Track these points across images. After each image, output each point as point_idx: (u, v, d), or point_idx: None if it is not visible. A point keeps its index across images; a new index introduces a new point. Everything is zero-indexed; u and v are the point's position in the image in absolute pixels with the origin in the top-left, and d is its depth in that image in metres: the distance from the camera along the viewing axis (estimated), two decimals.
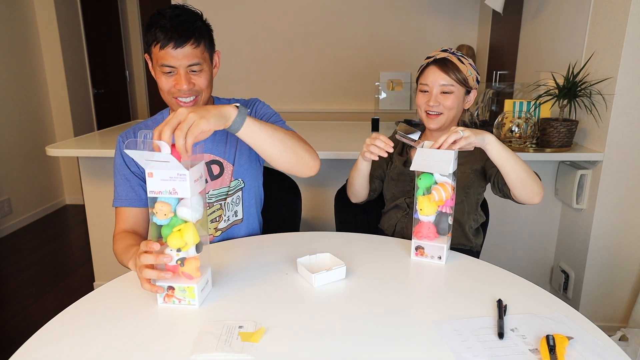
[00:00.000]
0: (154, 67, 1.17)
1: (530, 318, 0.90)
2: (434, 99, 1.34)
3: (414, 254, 1.15)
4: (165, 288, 0.90)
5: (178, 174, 0.82)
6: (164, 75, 1.15)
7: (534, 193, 1.18)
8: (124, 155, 1.25)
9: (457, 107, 1.35)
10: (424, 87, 1.37)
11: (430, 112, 1.36)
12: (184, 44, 1.10)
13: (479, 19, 3.73)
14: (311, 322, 0.89)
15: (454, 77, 1.32)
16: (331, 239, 1.29)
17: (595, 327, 0.88)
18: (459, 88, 1.34)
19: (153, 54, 1.15)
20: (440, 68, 1.33)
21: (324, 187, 2.30)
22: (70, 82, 3.87)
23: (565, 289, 2.17)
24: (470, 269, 1.14)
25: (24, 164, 3.59)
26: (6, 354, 0.88)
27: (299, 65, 3.90)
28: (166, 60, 1.11)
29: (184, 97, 1.17)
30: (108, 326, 0.87)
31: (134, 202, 1.25)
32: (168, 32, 1.09)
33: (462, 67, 1.33)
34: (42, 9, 3.64)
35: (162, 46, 1.10)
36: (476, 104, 2.79)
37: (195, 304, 0.91)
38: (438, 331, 0.85)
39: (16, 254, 3.08)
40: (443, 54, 1.36)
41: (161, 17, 1.11)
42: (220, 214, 1.33)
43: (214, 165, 1.30)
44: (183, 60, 1.12)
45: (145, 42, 1.16)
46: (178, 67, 1.13)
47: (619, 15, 1.81)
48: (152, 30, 1.11)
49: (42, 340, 0.84)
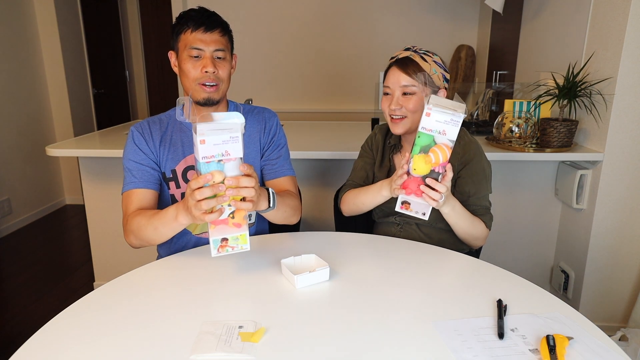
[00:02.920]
0: (180, 56, 1.25)
1: (530, 318, 0.89)
2: (395, 101, 1.27)
3: (399, 207, 1.13)
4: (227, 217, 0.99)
5: (230, 137, 0.92)
6: (190, 61, 1.23)
7: (473, 245, 1.34)
8: (137, 142, 1.28)
9: (422, 107, 1.25)
10: (386, 89, 1.31)
11: (393, 116, 1.29)
12: (214, 29, 1.23)
13: (479, 19, 3.73)
14: (312, 323, 0.89)
15: (415, 77, 1.25)
16: (331, 240, 1.29)
17: (595, 327, 0.88)
18: (423, 88, 1.26)
19: (181, 41, 1.24)
20: (400, 68, 1.26)
21: (324, 187, 2.30)
22: (70, 82, 3.87)
23: (565, 289, 2.17)
24: (470, 269, 1.14)
25: (24, 164, 3.59)
26: (6, 354, 0.88)
27: (299, 65, 3.90)
28: (195, 43, 1.21)
29: (210, 81, 1.24)
30: (108, 326, 0.87)
31: (149, 183, 1.27)
32: (200, 19, 1.22)
33: (424, 65, 1.25)
34: (42, 9, 3.64)
35: (194, 29, 1.21)
36: (476, 103, 2.79)
37: (247, 247, 1.02)
38: (438, 331, 0.85)
39: (16, 254, 3.07)
40: (405, 53, 1.29)
41: (192, 11, 1.24)
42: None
43: None
44: (211, 44, 1.22)
45: (174, 35, 1.26)
46: (205, 51, 1.22)
47: (619, 15, 1.81)
48: (182, 21, 1.23)
49: (42, 340, 0.84)
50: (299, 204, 1.37)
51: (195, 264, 1.14)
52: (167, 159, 1.30)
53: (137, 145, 1.28)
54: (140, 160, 1.27)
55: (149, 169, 1.28)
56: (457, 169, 1.31)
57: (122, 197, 1.27)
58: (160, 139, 1.31)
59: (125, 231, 1.22)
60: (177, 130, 1.32)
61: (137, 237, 1.19)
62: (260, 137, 1.38)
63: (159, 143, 1.30)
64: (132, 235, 1.20)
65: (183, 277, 1.08)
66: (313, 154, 2.01)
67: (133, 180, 1.26)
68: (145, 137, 1.29)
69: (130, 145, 1.29)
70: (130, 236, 1.21)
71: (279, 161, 1.38)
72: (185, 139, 1.32)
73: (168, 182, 1.31)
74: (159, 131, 1.31)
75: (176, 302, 0.96)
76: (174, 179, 1.31)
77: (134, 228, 1.18)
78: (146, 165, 1.28)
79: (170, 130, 1.32)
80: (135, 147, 1.28)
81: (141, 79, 5.10)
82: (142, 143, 1.28)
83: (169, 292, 1.01)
